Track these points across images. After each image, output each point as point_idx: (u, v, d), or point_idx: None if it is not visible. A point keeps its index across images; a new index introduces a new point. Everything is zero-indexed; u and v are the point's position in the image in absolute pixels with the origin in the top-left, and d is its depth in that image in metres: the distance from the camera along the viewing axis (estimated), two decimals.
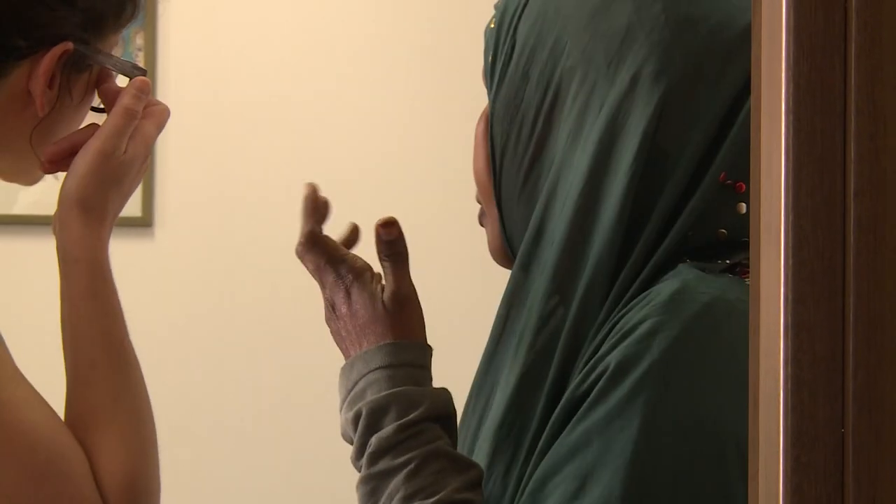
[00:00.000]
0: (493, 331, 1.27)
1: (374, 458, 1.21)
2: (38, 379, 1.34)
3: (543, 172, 1.24)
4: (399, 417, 1.21)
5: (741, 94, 1.19)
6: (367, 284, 1.31)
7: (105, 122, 1.35)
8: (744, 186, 1.19)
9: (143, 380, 1.40)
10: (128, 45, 3.09)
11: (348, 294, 1.32)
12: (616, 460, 1.09)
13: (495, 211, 1.29)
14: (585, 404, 1.12)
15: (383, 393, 1.22)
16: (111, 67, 1.38)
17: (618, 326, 1.15)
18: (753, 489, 0.78)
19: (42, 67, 1.32)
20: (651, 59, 1.20)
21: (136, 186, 1.43)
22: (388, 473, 1.20)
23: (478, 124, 1.32)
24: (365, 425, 1.22)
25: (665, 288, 1.15)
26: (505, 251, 1.29)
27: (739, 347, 1.10)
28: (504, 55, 1.27)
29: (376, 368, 1.25)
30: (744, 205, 1.19)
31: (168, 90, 3.10)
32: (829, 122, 0.77)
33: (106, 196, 1.37)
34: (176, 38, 3.11)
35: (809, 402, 0.75)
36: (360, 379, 1.25)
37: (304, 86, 3.14)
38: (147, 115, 1.38)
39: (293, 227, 3.41)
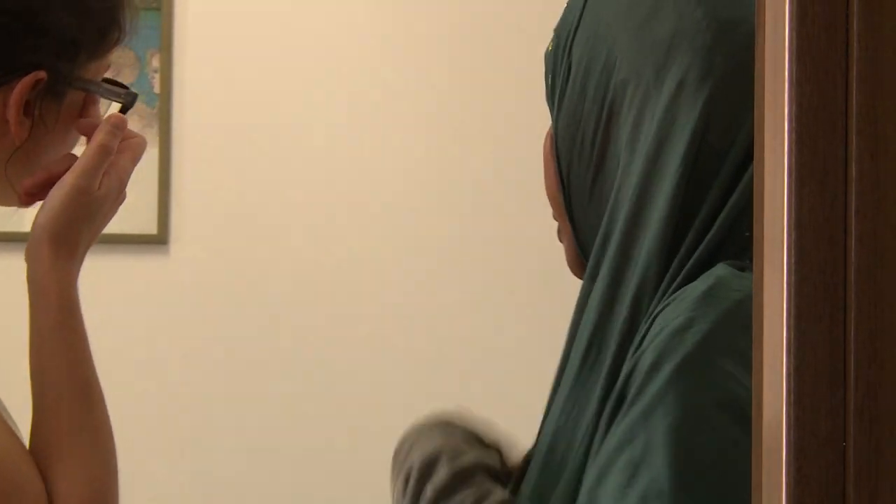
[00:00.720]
0: (567, 336, 1.29)
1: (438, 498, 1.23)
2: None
3: (607, 184, 1.26)
4: (451, 464, 1.24)
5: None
6: None
7: (80, 157, 1.34)
8: None
9: (106, 412, 1.40)
10: (144, 66, 3.10)
11: None
12: (660, 448, 1.11)
13: (568, 225, 1.32)
14: (628, 400, 1.14)
15: (432, 446, 1.25)
16: (94, 93, 1.37)
17: (656, 322, 1.17)
18: (757, 500, 0.78)
19: (14, 96, 1.31)
20: (695, 64, 1.22)
21: (109, 219, 1.43)
22: None
23: (544, 144, 1.34)
24: (417, 478, 1.24)
25: (699, 285, 1.17)
26: (580, 263, 1.32)
27: (735, 356, 1.12)
28: (562, 75, 1.30)
29: (419, 435, 1.29)
30: None
31: (184, 110, 3.11)
32: (831, 142, 0.77)
33: (78, 231, 1.38)
34: (192, 59, 3.12)
35: (811, 416, 0.75)
36: (409, 448, 1.28)
37: (319, 106, 3.15)
38: (123, 150, 1.37)
39: (306, 245, 3.42)
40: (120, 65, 3.10)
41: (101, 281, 3.12)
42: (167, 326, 3.13)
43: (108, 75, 1.40)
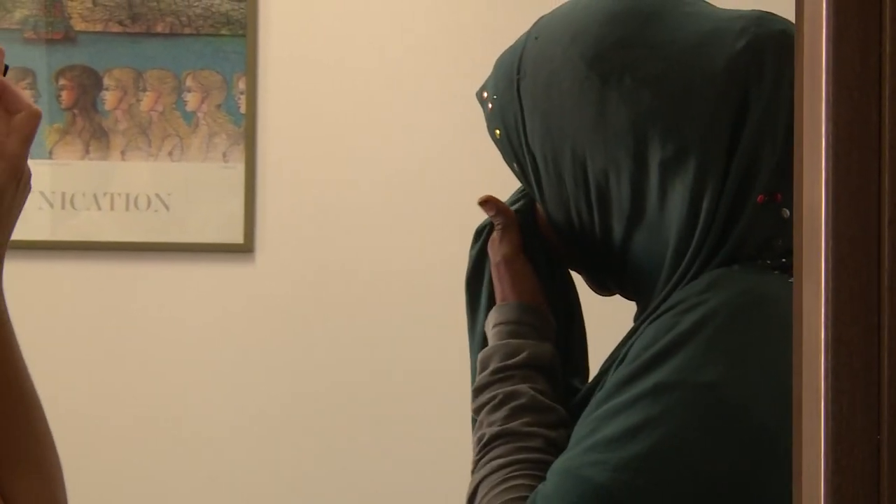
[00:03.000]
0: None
1: (473, 394, 1.30)
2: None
3: (615, 247, 1.28)
4: (498, 363, 1.29)
5: (738, 120, 1.24)
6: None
7: None
8: (780, 196, 1.23)
9: (45, 419, 1.27)
10: (231, 89, 3.13)
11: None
12: (657, 422, 1.16)
13: (578, 267, 1.35)
14: (636, 368, 1.18)
15: (490, 344, 1.31)
16: None
17: (660, 308, 1.21)
18: (797, 489, 0.79)
19: None
20: (668, 141, 1.23)
21: (16, 214, 1.23)
22: (479, 409, 1.28)
23: (538, 211, 1.35)
24: (479, 370, 1.31)
25: (705, 278, 1.21)
26: (602, 291, 1.36)
27: (762, 329, 1.16)
28: (529, 163, 1.30)
29: (494, 325, 1.33)
30: (786, 210, 1.23)
31: (267, 128, 3.14)
32: (866, 157, 0.78)
33: None
34: (274, 81, 3.15)
35: (848, 411, 0.76)
36: (490, 332, 1.34)
37: (396, 121, 3.16)
38: (9, 132, 1.14)
39: (385, 252, 3.43)
40: (208, 87, 3.13)
41: (191, 287, 3.15)
42: (252, 330, 3.15)
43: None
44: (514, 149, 1.31)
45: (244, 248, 3.12)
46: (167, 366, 3.14)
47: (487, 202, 1.35)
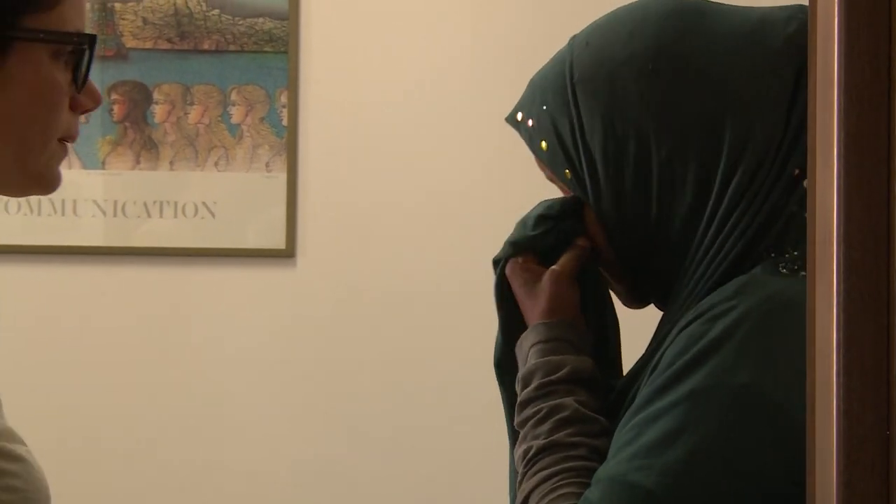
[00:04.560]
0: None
1: (518, 409, 1.29)
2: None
3: (672, 237, 1.26)
4: (541, 379, 1.28)
5: (792, 101, 1.23)
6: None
7: None
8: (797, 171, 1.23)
9: None
10: (273, 102, 3.14)
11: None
12: (692, 428, 1.14)
13: (623, 276, 1.32)
14: (671, 375, 1.17)
15: (532, 362, 1.30)
16: (36, 41, 1.18)
17: (692, 310, 1.20)
18: (811, 483, 0.78)
19: None
20: (734, 128, 1.23)
21: None
22: (523, 423, 1.28)
23: (587, 218, 1.32)
24: (521, 387, 1.30)
25: (735, 282, 1.19)
26: (637, 303, 1.34)
27: (790, 332, 1.14)
28: (586, 168, 1.28)
29: (532, 345, 1.32)
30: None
31: (308, 139, 3.14)
32: (876, 165, 0.77)
33: None
34: (314, 95, 3.15)
35: (859, 409, 0.75)
36: (528, 351, 1.33)
37: (434, 132, 3.16)
38: None
39: (422, 258, 3.42)
40: (252, 101, 3.14)
41: (236, 290, 3.15)
42: (294, 330, 3.15)
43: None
44: (567, 154, 1.29)
45: (286, 253, 3.13)
46: (213, 364, 3.14)
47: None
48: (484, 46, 3.14)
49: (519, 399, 1.29)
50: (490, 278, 1.50)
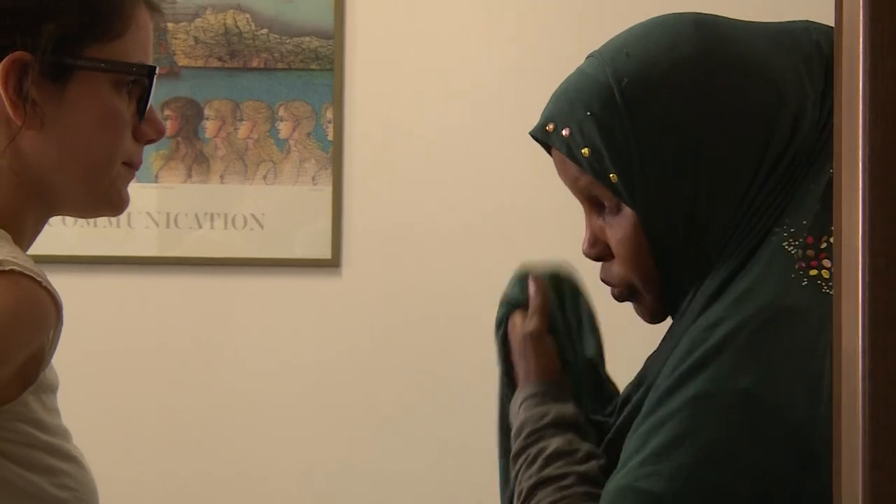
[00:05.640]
0: None
1: (512, 462, 1.36)
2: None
3: (712, 236, 1.26)
4: (529, 428, 1.34)
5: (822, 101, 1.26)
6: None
7: None
8: None
9: None
10: (319, 118, 3.15)
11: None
12: (692, 434, 1.15)
13: (656, 287, 1.30)
14: (673, 382, 1.18)
15: (521, 417, 1.37)
16: (97, 70, 1.21)
17: (702, 318, 1.20)
18: (837, 484, 0.78)
19: None
20: (787, 121, 1.24)
21: None
22: (517, 473, 1.33)
23: (625, 227, 1.30)
24: (513, 441, 1.37)
25: (734, 289, 1.20)
26: (660, 317, 1.33)
27: (789, 337, 1.14)
28: (637, 165, 1.26)
29: (521, 402, 1.39)
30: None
31: (353, 153, 3.15)
32: None
33: None
34: (359, 110, 3.16)
35: (884, 413, 0.75)
36: (518, 407, 1.40)
37: (475, 144, 3.16)
38: None
39: (463, 267, 3.41)
40: (299, 116, 3.16)
41: (283, 299, 3.16)
42: (339, 337, 3.16)
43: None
44: (615, 160, 1.27)
45: (331, 263, 3.14)
46: (261, 370, 3.16)
47: (534, 281, 1.40)
48: (527, 61, 3.14)
49: (512, 452, 1.34)
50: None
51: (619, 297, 1.34)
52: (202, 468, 3.13)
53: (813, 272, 1.19)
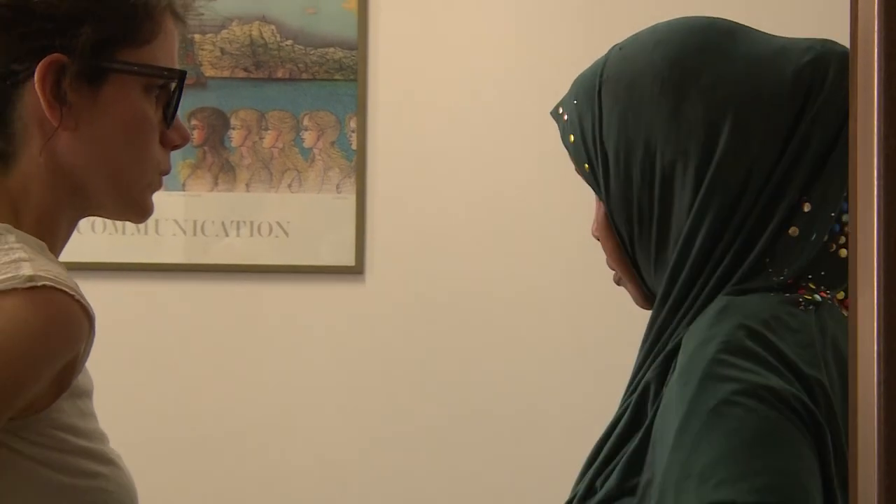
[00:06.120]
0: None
1: None
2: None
3: (669, 239, 1.26)
4: None
5: (794, 125, 1.23)
6: None
7: None
8: (807, 203, 1.23)
9: None
10: (343, 127, 3.16)
11: None
12: (713, 442, 1.10)
13: (633, 274, 1.32)
14: (687, 410, 1.13)
15: None
16: (131, 73, 1.22)
17: (682, 347, 1.18)
18: (853, 489, 0.78)
19: (36, 81, 1.19)
20: (734, 137, 1.23)
21: None
22: None
23: (597, 216, 1.33)
24: None
25: (711, 310, 1.19)
26: (649, 302, 1.32)
27: (750, 357, 1.12)
28: (600, 164, 1.29)
29: None
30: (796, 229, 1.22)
31: (376, 162, 3.16)
32: None
33: None
34: (382, 120, 3.17)
35: None
36: None
37: (496, 153, 3.17)
38: None
39: (485, 274, 3.40)
40: (323, 126, 3.16)
41: (308, 305, 3.17)
42: (362, 343, 3.17)
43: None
44: (587, 150, 1.30)
45: (355, 270, 3.14)
46: (286, 374, 3.16)
47: None
48: (550, 70, 3.15)
49: None
50: (561, 294, 1.50)
51: (616, 282, 1.36)
52: (227, 472, 3.13)
53: None
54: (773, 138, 1.23)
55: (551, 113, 1.38)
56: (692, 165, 1.23)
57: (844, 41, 0.91)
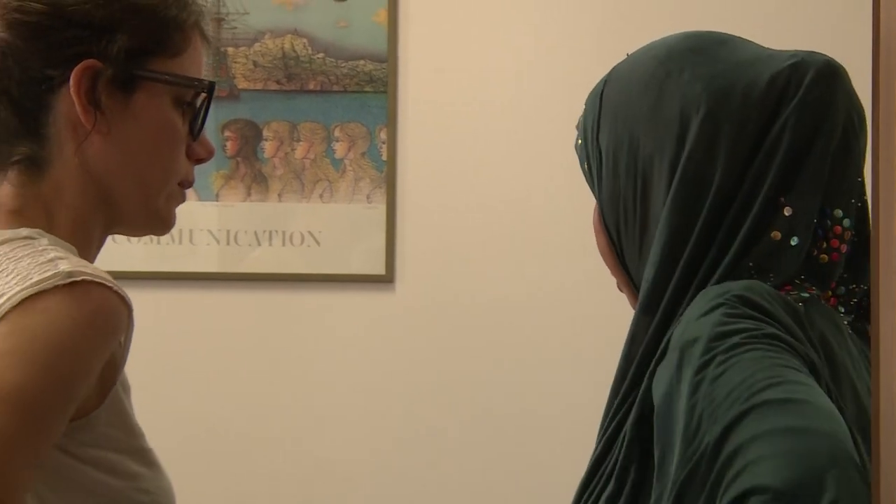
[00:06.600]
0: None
1: None
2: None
3: (648, 237, 1.27)
4: None
5: (766, 126, 1.22)
6: None
7: None
8: (783, 200, 1.22)
9: None
10: (374, 138, 3.17)
11: None
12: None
13: (626, 278, 1.33)
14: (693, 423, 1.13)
15: None
16: (163, 82, 1.23)
17: (671, 340, 1.18)
18: (875, 491, 0.78)
19: (72, 85, 1.20)
20: (703, 130, 1.23)
21: None
22: None
23: (593, 218, 1.35)
24: None
25: (703, 293, 1.18)
26: None
27: (751, 319, 1.11)
28: (595, 162, 1.31)
29: None
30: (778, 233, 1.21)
31: (406, 172, 3.17)
32: None
33: None
34: (412, 131, 3.17)
35: None
36: None
37: (525, 164, 3.17)
38: None
39: (514, 283, 3.40)
40: (354, 137, 3.18)
41: (339, 313, 3.18)
42: (393, 351, 3.17)
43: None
44: (587, 149, 1.33)
45: (385, 279, 3.15)
46: (317, 381, 3.17)
47: None
48: (580, 82, 3.14)
49: None
50: (586, 303, 1.50)
51: (619, 288, 1.38)
52: (259, 478, 3.14)
53: None
54: (744, 135, 1.23)
55: (577, 125, 1.40)
56: (667, 159, 1.24)
57: (865, 46, 0.91)
